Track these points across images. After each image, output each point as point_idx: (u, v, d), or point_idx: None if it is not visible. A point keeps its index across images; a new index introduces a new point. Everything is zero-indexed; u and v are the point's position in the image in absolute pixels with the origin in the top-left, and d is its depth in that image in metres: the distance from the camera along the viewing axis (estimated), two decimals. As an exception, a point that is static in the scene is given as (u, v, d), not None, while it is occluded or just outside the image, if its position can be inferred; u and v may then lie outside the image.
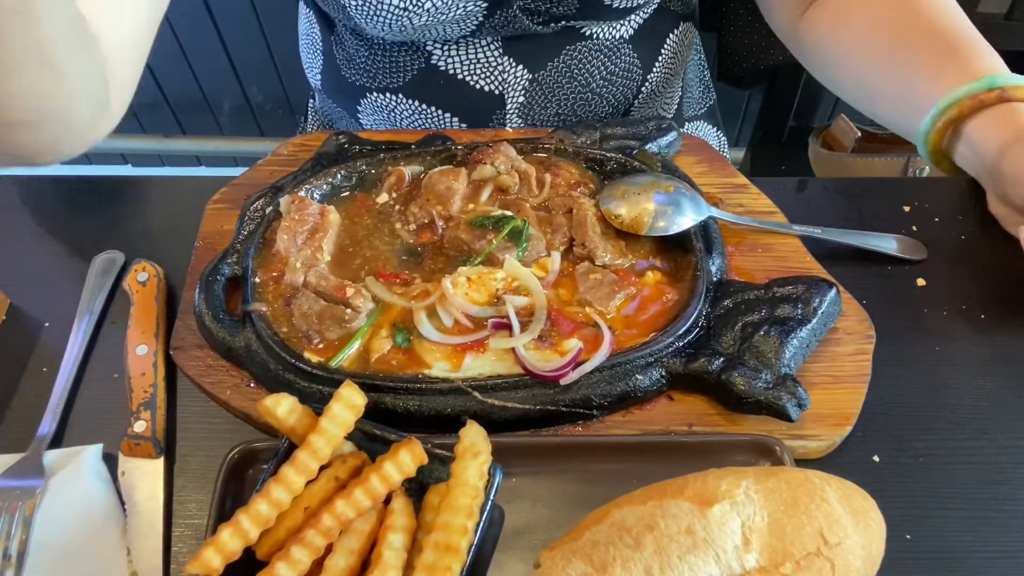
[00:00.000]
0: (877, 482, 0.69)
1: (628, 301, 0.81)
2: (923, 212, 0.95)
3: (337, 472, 0.64)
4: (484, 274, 0.81)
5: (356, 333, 0.79)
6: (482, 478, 0.61)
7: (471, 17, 0.97)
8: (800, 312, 0.77)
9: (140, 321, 0.84)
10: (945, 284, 0.88)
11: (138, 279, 0.88)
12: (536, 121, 1.08)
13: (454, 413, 0.73)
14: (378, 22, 0.96)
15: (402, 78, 1.05)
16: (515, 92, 1.03)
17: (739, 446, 0.71)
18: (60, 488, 0.73)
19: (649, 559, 0.57)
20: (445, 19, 0.96)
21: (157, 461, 0.75)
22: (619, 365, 0.75)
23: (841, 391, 0.77)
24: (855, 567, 0.58)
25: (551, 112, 1.07)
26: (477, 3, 0.95)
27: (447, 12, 0.95)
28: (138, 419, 0.77)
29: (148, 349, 0.82)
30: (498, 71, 1.01)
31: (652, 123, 0.99)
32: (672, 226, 0.85)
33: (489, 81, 1.02)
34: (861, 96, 0.99)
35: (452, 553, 0.58)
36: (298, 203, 0.88)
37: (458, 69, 1.02)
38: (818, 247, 0.89)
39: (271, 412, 0.64)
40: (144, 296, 0.86)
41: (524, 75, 1.02)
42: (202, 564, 0.57)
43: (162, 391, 0.79)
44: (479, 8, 0.95)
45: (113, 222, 0.97)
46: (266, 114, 2.43)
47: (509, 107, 1.05)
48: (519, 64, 1.02)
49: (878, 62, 0.94)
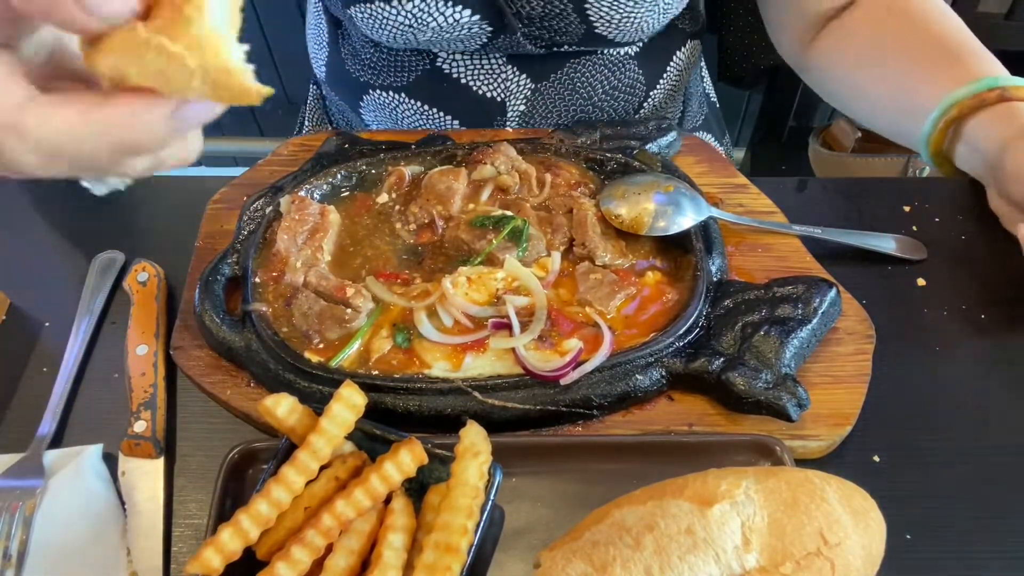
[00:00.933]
0: (877, 482, 0.68)
1: (628, 301, 0.81)
2: (923, 212, 0.95)
3: (337, 472, 0.64)
4: (484, 274, 0.81)
5: (356, 333, 0.79)
6: (482, 478, 0.61)
7: (476, 38, 0.98)
8: (800, 312, 0.77)
9: (140, 321, 0.84)
10: (945, 284, 0.88)
11: (138, 279, 0.88)
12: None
13: (454, 413, 0.73)
14: (384, 34, 0.97)
15: (406, 78, 1.05)
16: (517, 100, 1.04)
17: (739, 446, 0.71)
18: (60, 488, 0.73)
19: (649, 559, 0.57)
20: (450, 38, 0.97)
21: (157, 461, 0.75)
22: (619, 365, 0.75)
23: (841, 391, 0.77)
24: (855, 567, 0.58)
25: (551, 122, 1.08)
26: (482, 27, 0.96)
27: (452, 32, 0.96)
28: (138, 419, 0.77)
29: (148, 349, 0.82)
30: (502, 79, 1.02)
31: (652, 123, 0.99)
32: (672, 226, 0.85)
33: (492, 88, 1.03)
34: (867, 108, 1.00)
35: (452, 553, 0.58)
36: (298, 203, 0.88)
37: (462, 74, 1.03)
38: (818, 247, 0.89)
39: (271, 412, 0.64)
40: (144, 296, 0.86)
41: (527, 84, 1.03)
42: (202, 564, 0.57)
43: (162, 391, 0.79)
44: (484, 31, 0.97)
45: (113, 222, 0.97)
46: (266, 114, 2.43)
47: (510, 114, 1.06)
48: (523, 73, 1.02)
49: (880, 72, 0.96)
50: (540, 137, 0.97)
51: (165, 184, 1.02)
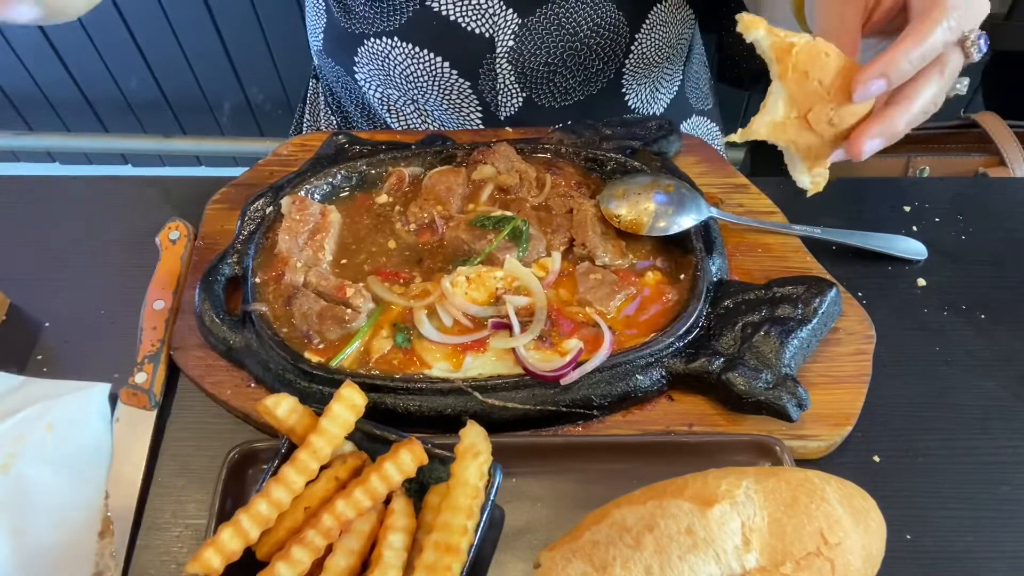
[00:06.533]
0: (877, 482, 0.69)
1: (628, 301, 0.81)
2: (923, 212, 0.95)
3: (337, 472, 0.64)
4: (484, 273, 0.81)
5: (356, 333, 0.79)
6: (482, 478, 0.61)
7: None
8: (800, 312, 0.77)
9: (163, 276, 0.87)
10: (945, 284, 0.88)
11: (170, 237, 0.90)
12: (526, 70, 1.08)
13: (454, 413, 0.73)
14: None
15: (399, 20, 1.06)
16: (505, 36, 1.05)
17: (739, 446, 0.71)
18: (62, 414, 0.76)
19: (649, 559, 0.57)
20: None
21: (150, 413, 0.78)
22: (619, 365, 0.75)
23: (841, 391, 0.77)
24: (855, 567, 0.58)
25: (541, 61, 1.08)
26: None
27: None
28: (140, 370, 0.79)
29: (164, 305, 0.84)
30: (489, 13, 1.03)
31: (652, 123, 0.99)
32: (672, 226, 0.85)
33: (480, 24, 1.04)
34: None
35: (452, 553, 0.58)
36: (299, 203, 0.88)
37: (451, 10, 1.04)
38: (818, 247, 0.89)
39: (271, 412, 0.64)
40: (172, 254, 0.89)
41: (514, 19, 1.03)
42: (202, 564, 0.57)
43: (168, 348, 0.82)
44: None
45: (113, 222, 0.97)
46: (266, 114, 2.43)
47: (499, 51, 1.06)
48: (509, 7, 1.03)
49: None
50: (540, 137, 0.97)
51: (165, 184, 1.03)
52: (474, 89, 1.09)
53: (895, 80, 0.64)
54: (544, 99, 1.11)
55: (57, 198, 1.01)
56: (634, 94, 1.16)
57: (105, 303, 0.89)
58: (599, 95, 1.13)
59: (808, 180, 0.71)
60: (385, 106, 1.18)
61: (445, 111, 1.14)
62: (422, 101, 1.13)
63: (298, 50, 1.20)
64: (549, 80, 1.09)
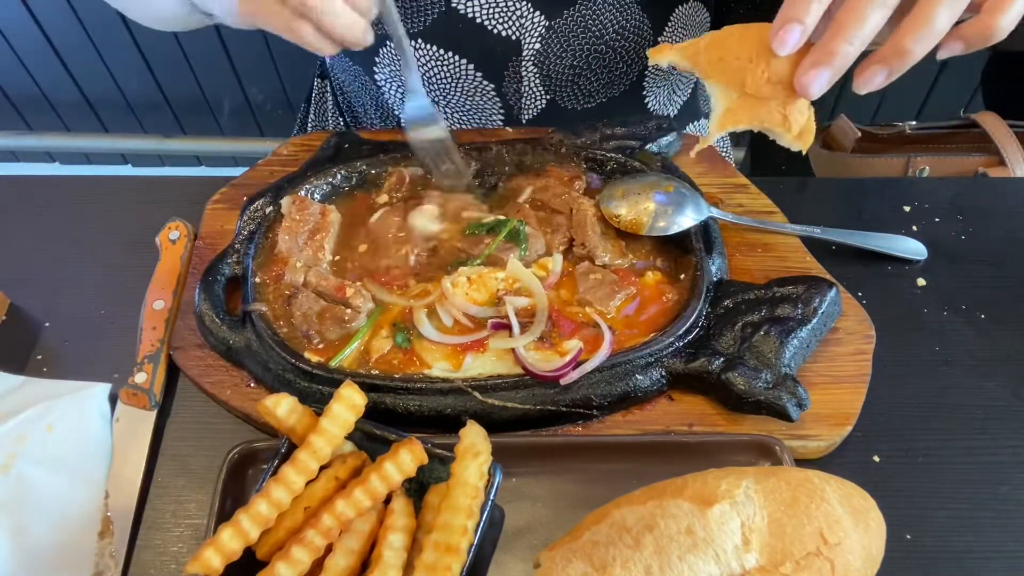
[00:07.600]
0: (877, 482, 0.69)
1: (628, 301, 0.81)
2: (923, 212, 0.95)
3: (337, 472, 0.64)
4: (484, 273, 0.81)
5: (356, 333, 0.79)
6: (482, 478, 0.61)
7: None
8: (800, 312, 0.77)
9: (162, 276, 0.87)
10: (945, 284, 0.88)
11: (170, 237, 0.90)
12: (551, 72, 1.07)
13: (454, 413, 0.73)
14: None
15: (423, 22, 1.05)
16: (532, 39, 1.04)
17: (739, 446, 0.71)
18: (62, 415, 0.76)
19: (649, 559, 0.57)
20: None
21: (150, 413, 0.78)
22: (619, 365, 0.75)
23: (841, 391, 0.77)
24: (855, 567, 0.58)
25: (566, 64, 1.08)
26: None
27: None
28: (140, 370, 0.79)
29: (164, 305, 0.84)
30: (516, 15, 1.02)
31: (652, 123, 0.99)
32: (672, 226, 0.85)
33: (507, 26, 1.03)
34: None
35: (452, 553, 0.58)
36: (299, 203, 0.88)
37: (477, 13, 1.03)
38: (818, 247, 0.89)
39: (271, 412, 0.64)
40: (172, 254, 0.89)
41: (541, 21, 1.03)
42: (202, 564, 0.57)
43: (167, 348, 0.82)
44: None
45: (113, 222, 0.97)
46: (266, 114, 2.43)
47: (525, 53, 1.06)
48: (536, 9, 1.02)
49: None
50: (540, 137, 0.97)
51: (165, 184, 1.03)
52: (498, 92, 1.08)
53: (806, 19, 0.61)
54: (567, 101, 1.11)
55: (57, 198, 1.01)
56: (654, 96, 1.16)
57: (105, 303, 0.89)
58: (620, 97, 1.13)
59: (792, 140, 0.68)
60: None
61: (466, 112, 1.13)
62: (443, 102, 1.12)
63: (298, 49, 1.20)
64: (573, 83, 1.09)
